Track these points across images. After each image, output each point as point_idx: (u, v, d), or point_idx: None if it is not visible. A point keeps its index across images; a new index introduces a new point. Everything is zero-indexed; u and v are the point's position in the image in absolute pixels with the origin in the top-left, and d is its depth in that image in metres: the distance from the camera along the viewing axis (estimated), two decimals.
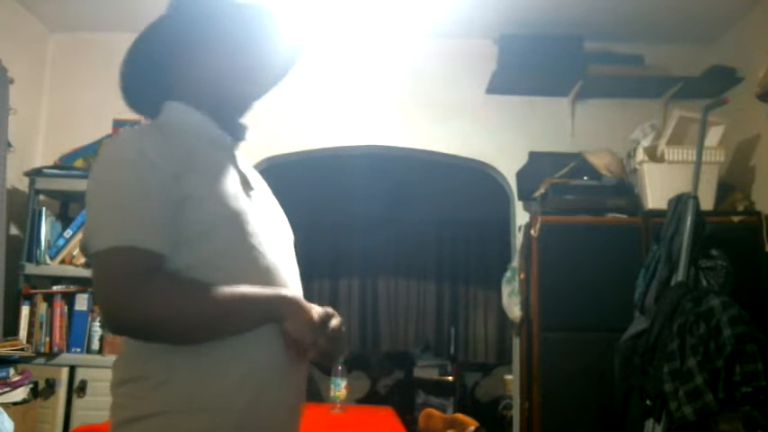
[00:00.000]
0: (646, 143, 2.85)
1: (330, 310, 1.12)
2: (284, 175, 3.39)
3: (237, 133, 1.21)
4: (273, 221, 1.19)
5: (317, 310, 1.09)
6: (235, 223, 1.06)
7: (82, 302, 2.78)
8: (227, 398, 0.99)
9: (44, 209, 2.83)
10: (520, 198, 3.18)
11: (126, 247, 0.97)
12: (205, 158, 1.10)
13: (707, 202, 2.59)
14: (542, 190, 2.82)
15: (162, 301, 0.97)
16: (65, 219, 2.97)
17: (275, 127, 3.20)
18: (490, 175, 3.37)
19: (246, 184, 1.16)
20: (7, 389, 2.33)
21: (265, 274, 1.08)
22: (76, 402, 2.65)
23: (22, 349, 2.50)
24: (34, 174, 2.87)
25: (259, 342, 1.04)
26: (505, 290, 2.87)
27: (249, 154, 3.56)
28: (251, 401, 1.01)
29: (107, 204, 1.02)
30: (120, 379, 1.03)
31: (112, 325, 0.99)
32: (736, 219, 2.64)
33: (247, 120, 1.24)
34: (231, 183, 1.11)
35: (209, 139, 1.15)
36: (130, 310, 0.97)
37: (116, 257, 0.97)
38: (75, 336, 2.75)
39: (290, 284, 1.14)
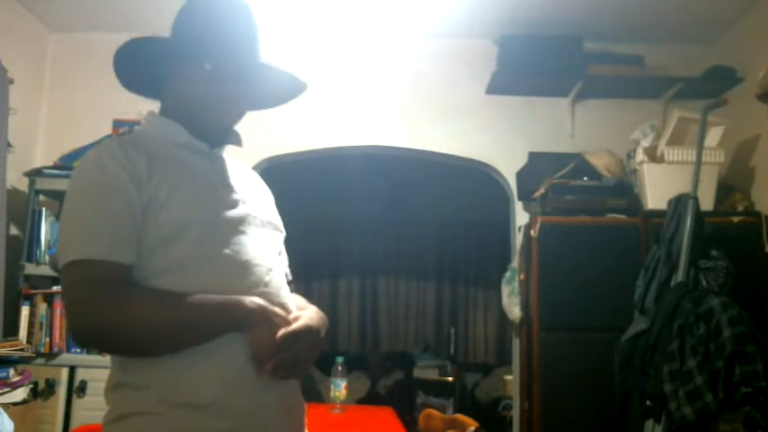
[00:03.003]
0: (645, 143, 2.85)
1: (298, 329, 1.07)
2: (284, 175, 3.39)
3: (222, 140, 1.21)
4: (254, 222, 1.17)
5: (285, 325, 1.07)
6: (202, 226, 1.06)
7: None
8: (198, 395, 1.01)
9: (44, 209, 2.83)
10: (520, 198, 3.18)
11: (86, 260, 1.00)
12: (171, 164, 1.10)
13: (707, 203, 2.59)
14: (542, 190, 2.82)
15: (120, 314, 0.99)
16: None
17: (275, 127, 3.20)
18: (490, 175, 3.37)
19: (225, 186, 1.16)
20: (7, 389, 2.33)
21: (238, 277, 1.08)
22: (76, 402, 2.65)
23: (22, 349, 2.49)
24: (34, 174, 2.87)
25: (230, 342, 1.04)
26: (505, 290, 2.87)
27: (249, 154, 3.57)
28: (220, 398, 1.01)
29: (71, 220, 1.05)
30: (109, 385, 1.07)
31: (75, 337, 1.02)
32: (736, 219, 2.63)
33: (248, 120, 1.23)
34: (199, 186, 1.11)
35: (181, 144, 1.16)
36: (88, 322, 0.99)
37: (76, 271, 1.00)
38: None
39: (268, 286, 1.11)
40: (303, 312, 1.15)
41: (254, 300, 1.06)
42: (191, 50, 1.13)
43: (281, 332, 1.05)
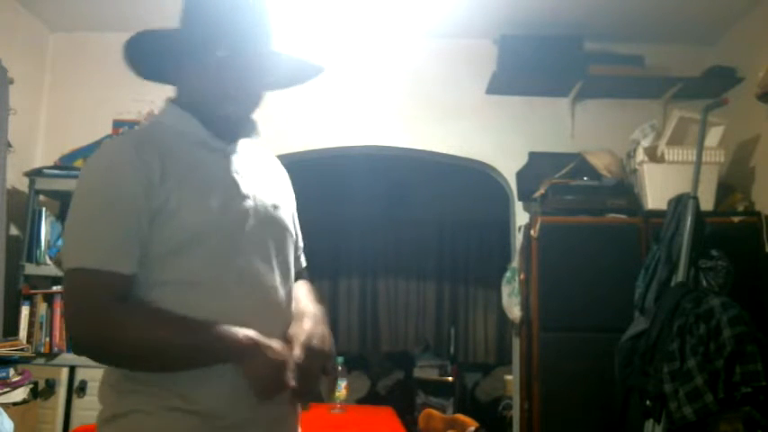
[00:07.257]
0: (646, 143, 2.85)
1: (299, 359, 1.06)
2: None
3: (237, 134, 1.17)
4: (261, 219, 1.13)
5: (280, 356, 1.05)
6: (210, 240, 1.04)
7: None
8: (193, 401, 1.01)
9: (44, 209, 2.83)
10: (520, 198, 3.18)
11: (92, 269, 0.98)
12: (185, 165, 1.07)
13: (707, 203, 2.59)
14: (542, 190, 2.82)
15: (115, 330, 0.99)
16: (65, 219, 2.96)
17: (276, 127, 3.19)
18: (490, 175, 3.37)
19: (235, 186, 1.12)
20: (7, 389, 2.33)
21: (245, 295, 1.06)
22: (76, 402, 2.65)
23: (22, 349, 2.50)
24: (34, 174, 2.87)
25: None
26: (505, 290, 2.87)
27: None
28: (212, 404, 1.02)
29: (78, 221, 1.03)
30: (104, 384, 1.08)
31: (74, 345, 1.02)
32: (736, 219, 2.64)
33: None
34: (210, 191, 1.07)
35: (198, 141, 1.12)
36: (84, 334, 0.99)
37: (82, 279, 0.99)
38: None
39: (273, 305, 1.10)
40: (303, 327, 1.12)
41: (249, 334, 1.02)
42: (204, 40, 1.09)
43: (276, 356, 1.03)
